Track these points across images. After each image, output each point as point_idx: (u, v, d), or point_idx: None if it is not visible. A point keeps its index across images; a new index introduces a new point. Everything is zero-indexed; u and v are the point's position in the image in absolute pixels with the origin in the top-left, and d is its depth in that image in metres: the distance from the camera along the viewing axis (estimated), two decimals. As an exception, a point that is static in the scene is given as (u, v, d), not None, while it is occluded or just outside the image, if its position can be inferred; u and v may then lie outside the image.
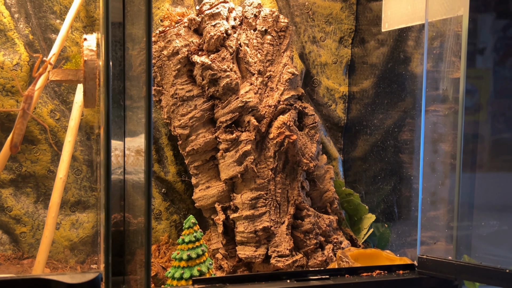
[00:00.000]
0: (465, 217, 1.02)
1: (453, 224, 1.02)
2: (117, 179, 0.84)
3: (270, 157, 1.08)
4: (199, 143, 1.09)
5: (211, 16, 1.09)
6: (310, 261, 1.09)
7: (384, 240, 1.24)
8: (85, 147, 1.19)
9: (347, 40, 1.34)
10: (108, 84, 0.71)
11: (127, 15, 0.82)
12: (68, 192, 1.18)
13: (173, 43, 1.08)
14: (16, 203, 1.15)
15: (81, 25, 1.18)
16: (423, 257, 0.94)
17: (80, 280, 0.70)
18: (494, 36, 1.07)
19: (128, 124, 0.85)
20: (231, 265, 1.09)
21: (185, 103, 1.09)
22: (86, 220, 1.19)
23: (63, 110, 1.18)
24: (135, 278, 0.84)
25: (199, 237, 0.92)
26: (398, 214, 1.24)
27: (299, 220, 1.10)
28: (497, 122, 1.10)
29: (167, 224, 1.23)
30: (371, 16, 1.30)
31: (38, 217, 1.16)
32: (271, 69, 1.12)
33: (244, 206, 1.06)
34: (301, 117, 1.16)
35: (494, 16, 1.06)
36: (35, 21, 1.15)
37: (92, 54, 0.91)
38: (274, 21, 1.13)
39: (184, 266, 0.90)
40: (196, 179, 1.12)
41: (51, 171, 1.16)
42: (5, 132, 1.13)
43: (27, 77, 1.14)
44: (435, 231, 1.04)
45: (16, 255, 1.15)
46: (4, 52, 1.13)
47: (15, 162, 1.15)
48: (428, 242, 1.03)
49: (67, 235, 1.17)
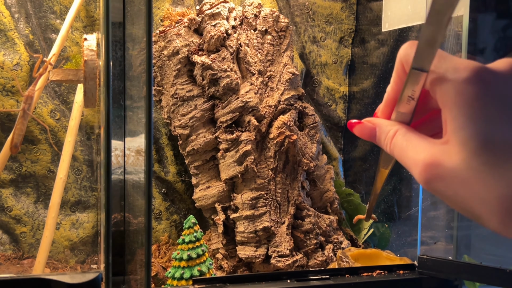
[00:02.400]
0: (465, 217, 1.02)
1: (453, 224, 1.02)
2: (117, 179, 0.84)
3: (271, 157, 1.08)
4: (199, 143, 1.09)
5: (211, 16, 1.09)
6: (310, 261, 1.09)
7: (384, 240, 1.24)
8: (85, 147, 1.19)
9: (347, 40, 1.34)
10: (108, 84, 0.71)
11: (127, 15, 0.82)
12: (68, 192, 1.18)
13: (173, 43, 1.08)
14: (16, 203, 1.15)
15: (81, 25, 1.18)
16: (423, 257, 0.94)
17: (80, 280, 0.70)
18: (494, 36, 1.07)
19: (128, 124, 0.85)
20: (231, 265, 1.09)
21: (185, 103, 1.09)
22: (86, 220, 1.19)
23: (63, 110, 1.17)
24: (135, 278, 0.84)
25: (199, 237, 0.92)
26: (398, 214, 1.24)
27: (299, 220, 1.10)
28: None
29: (167, 224, 1.23)
30: (371, 16, 1.30)
31: (38, 217, 1.16)
32: (272, 69, 1.12)
33: (244, 206, 1.06)
34: (302, 117, 1.16)
35: (495, 16, 1.06)
36: (35, 21, 1.15)
37: (92, 54, 0.91)
38: (274, 21, 1.13)
39: (184, 266, 0.90)
40: (196, 179, 1.12)
41: (51, 171, 1.16)
42: (5, 132, 1.13)
43: (27, 77, 1.14)
44: (435, 231, 1.04)
45: (16, 255, 1.15)
46: (4, 52, 1.13)
47: (15, 162, 1.15)
48: (428, 242, 1.03)
49: (67, 235, 1.17)
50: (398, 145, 0.40)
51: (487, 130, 0.35)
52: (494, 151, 0.35)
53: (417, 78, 0.39)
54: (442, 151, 0.36)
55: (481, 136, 0.35)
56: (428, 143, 0.38)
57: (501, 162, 0.34)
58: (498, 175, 0.34)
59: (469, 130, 0.35)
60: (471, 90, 0.35)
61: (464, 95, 0.35)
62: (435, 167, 0.36)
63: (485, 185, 0.35)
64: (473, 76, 0.35)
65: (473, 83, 0.35)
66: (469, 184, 0.35)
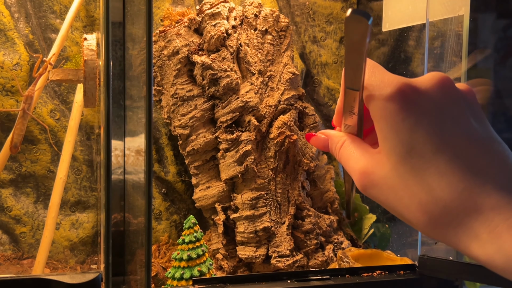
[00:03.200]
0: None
1: (454, 224, 1.02)
2: (117, 179, 0.84)
3: (271, 157, 1.08)
4: (199, 143, 1.08)
5: (212, 16, 1.09)
6: (311, 261, 1.08)
7: (385, 240, 1.24)
8: (85, 147, 1.19)
9: (347, 40, 1.33)
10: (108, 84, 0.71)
11: (127, 15, 0.82)
12: (68, 192, 1.17)
13: (173, 43, 1.08)
14: (16, 203, 1.15)
15: (81, 24, 1.18)
16: (424, 257, 0.94)
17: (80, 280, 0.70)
18: (495, 36, 1.07)
19: (128, 124, 0.85)
20: (231, 265, 1.08)
21: (185, 103, 1.09)
22: (86, 220, 1.19)
23: (63, 110, 1.17)
24: (135, 278, 0.83)
25: (199, 237, 0.92)
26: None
27: (299, 220, 1.10)
28: (498, 122, 1.10)
29: (167, 224, 1.23)
30: (371, 15, 1.30)
31: (38, 217, 1.16)
32: (272, 69, 1.12)
33: (245, 206, 1.06)
34: (302, 117, 1.16)
35: (495, 16, 1.06)
36: (35, 20, 1.15)
37: (92, 53, 0.91)
38: (274, 20, 1.13)
39: (184, 266, 0.90)
40: (196, 179, 1.12)
41: (51, 171, 1.16)
42: (5, 132, 1.13)
43: (27, 77, 1.14)
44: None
45: (16, 255, 1.15)
46: (4, 52, 1.12)
47: (15, 162, 1.15)
48: (429, 242, 1.03)
49: (67, 235, 1.17)
50: (344, 155, 0.44)
51: (409, 140, 0.38)
52: (416, 159, 0.37)
53: (351, 95, 0.42)
54: (375, 160, 0.40)
55: (403, 146, 0.38)
56: (366, 153, 0.42)
57: (422, 170, 0.37)
58: (420, 181, 0.37)
59: (393, 141, 0.38)
60: (392, 105, 0.39)
61: (387, 110, 0.39)
62: (368, 175, 0.40)
63: (409, 191, 0.38)
64: (394, 92, 0.39)
65: (394, 98, 0.39)
66: (396, 191, 0.39)
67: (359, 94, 0.41)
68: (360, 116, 0.43)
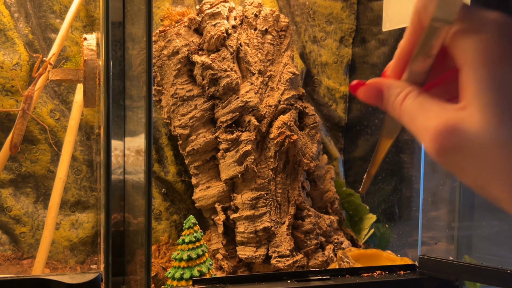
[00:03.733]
0: (466, 217, 1.02)
1: (454, 224, 1.02)
2: (117, 179, 0.84)
3: (271, 157, 1.08)
4: (199, 143, 1.08)
5: (212, 16, 1.09)
6: (311, 262, 1.08)
7: (385, 241, 1.24)
8: (85, 147, 1.19)
9: (347, 40, 1.33)
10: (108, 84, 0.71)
11: (127, 15, 0.81)
12: (68, 192, 1.17)
13: (173, 43, 1.08)
14: (16, 203, 1.15)
15: (81, 24, 1.18)
16: (424, 257, 0.94)
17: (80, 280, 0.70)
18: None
19: (128, 124, 0.85)
20: (231, 265, 1.08)
21: (185, 103, 1.08)
22: (86, 220, 1.19)
23: (63, 110, 1.17)
24: (135, 278, 0.83)
25: (199, 237, 0.92)
26: (399, 214, 1.24)
27: (299, 220, 1.10)
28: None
29: (167, 224, 1.23)
30: (372, 15, 1.29)
31: (38, 217, 1.16)
32: (272, 68, 1.12)
33: (245, 206, 1.06)
34: (302, 117, 1.16)
35: (495, 16, 1.06)
36: (35, 20, 1.15)
37: (92, 53, 0.91)
38: (274, 20, 1.13)
39: (184, 267, 0.90)
40: (196, 179, 1.12)
41: (51, 171, 1.16)
42: (5, 132, 1.13)
43: (27, 77, 1.14)
44: (436, 231, 1.03)
45: (16, 255, 1.15)
46: (4, 51, 1.12)
47: (15, 162, 1.15)
48: (429, 242, 1.03)
49: (67, 235, 1.17)
50: (408, 109, 0.34)
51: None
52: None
53: (437, 31, 0.33)
54: (458, 117, 0.31)
55: (508, 102, 0.30)
56: (443, 109, 0.32)
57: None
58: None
59: (493, 94, 0.30)
60: (500, 47, 0.30)
61: (491, 53, 0.30)
62: (448, 135, 0.31)
63: (509, 160, 0.29)
64: (503, 31, 0.30)
65: (503, 38, 0.30)
66: (489, 157, 0.30)
67: (447, 30, 0.33)
68: (433, 61, 0.35)
